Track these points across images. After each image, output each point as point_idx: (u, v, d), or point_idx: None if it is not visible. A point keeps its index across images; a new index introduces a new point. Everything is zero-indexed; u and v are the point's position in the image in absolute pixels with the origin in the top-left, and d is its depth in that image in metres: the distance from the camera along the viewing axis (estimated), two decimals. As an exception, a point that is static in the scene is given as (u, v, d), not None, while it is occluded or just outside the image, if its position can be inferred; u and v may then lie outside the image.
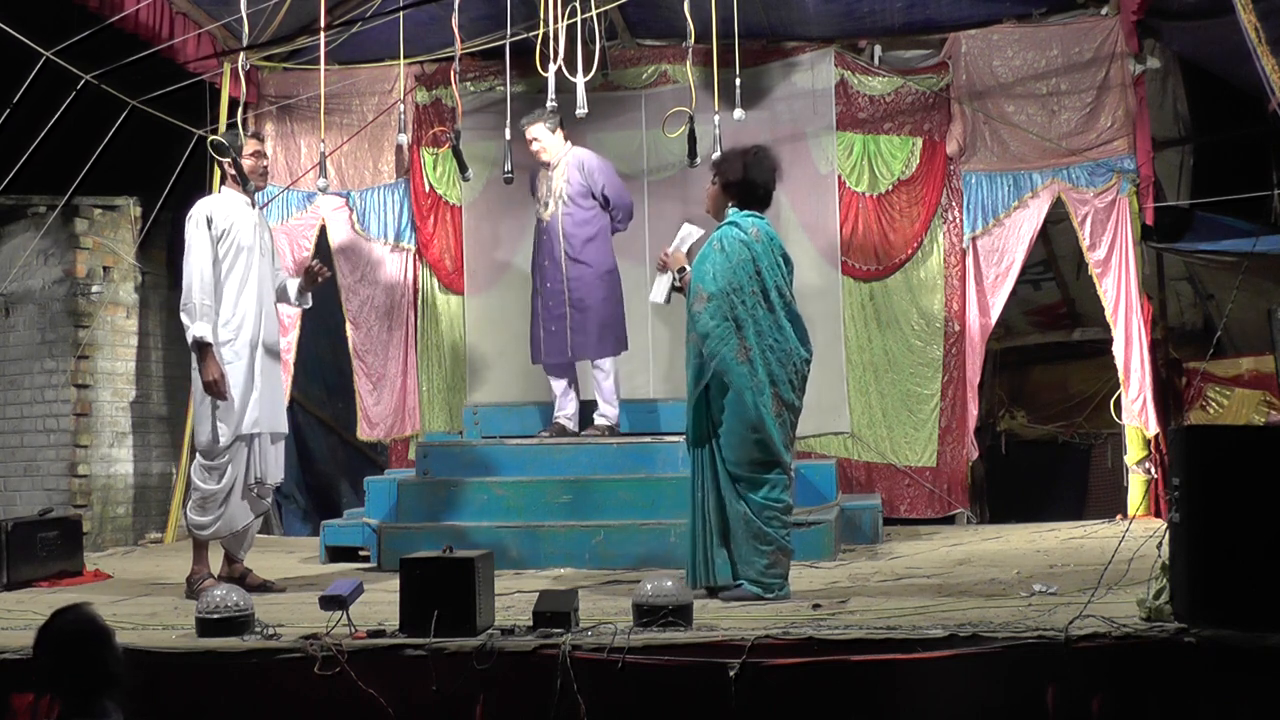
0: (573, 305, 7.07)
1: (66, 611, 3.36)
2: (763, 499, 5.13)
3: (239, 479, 5.68)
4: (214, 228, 5.69)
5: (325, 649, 4.13)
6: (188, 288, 5.61)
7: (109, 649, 3.30)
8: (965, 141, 8.07)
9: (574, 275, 7.07)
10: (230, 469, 5.64)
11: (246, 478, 5.72)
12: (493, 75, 8.41)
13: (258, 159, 5.90)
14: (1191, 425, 7.31)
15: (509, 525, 6.53)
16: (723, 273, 5.16)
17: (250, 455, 5.72)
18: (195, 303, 5.58)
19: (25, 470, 8.18)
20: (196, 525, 5.69)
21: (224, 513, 5.66)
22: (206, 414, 5.62)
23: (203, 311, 5.57)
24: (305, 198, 8.60)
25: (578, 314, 7.09)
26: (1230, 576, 3.86)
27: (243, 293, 5.73)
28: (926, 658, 3.95)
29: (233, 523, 5.72)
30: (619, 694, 4.01)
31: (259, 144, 6.00)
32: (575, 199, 7.05)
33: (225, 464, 5.64)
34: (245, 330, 5.72)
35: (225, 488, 5.64)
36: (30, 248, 8.08)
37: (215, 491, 5.63)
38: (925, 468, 8.08)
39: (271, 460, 5.83)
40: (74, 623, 3.32)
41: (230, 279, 5.70)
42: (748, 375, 5.09)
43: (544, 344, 7.15)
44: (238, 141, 5.90)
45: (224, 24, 7.71)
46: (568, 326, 7.09)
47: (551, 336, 7.11)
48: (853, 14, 8.12)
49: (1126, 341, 7.70)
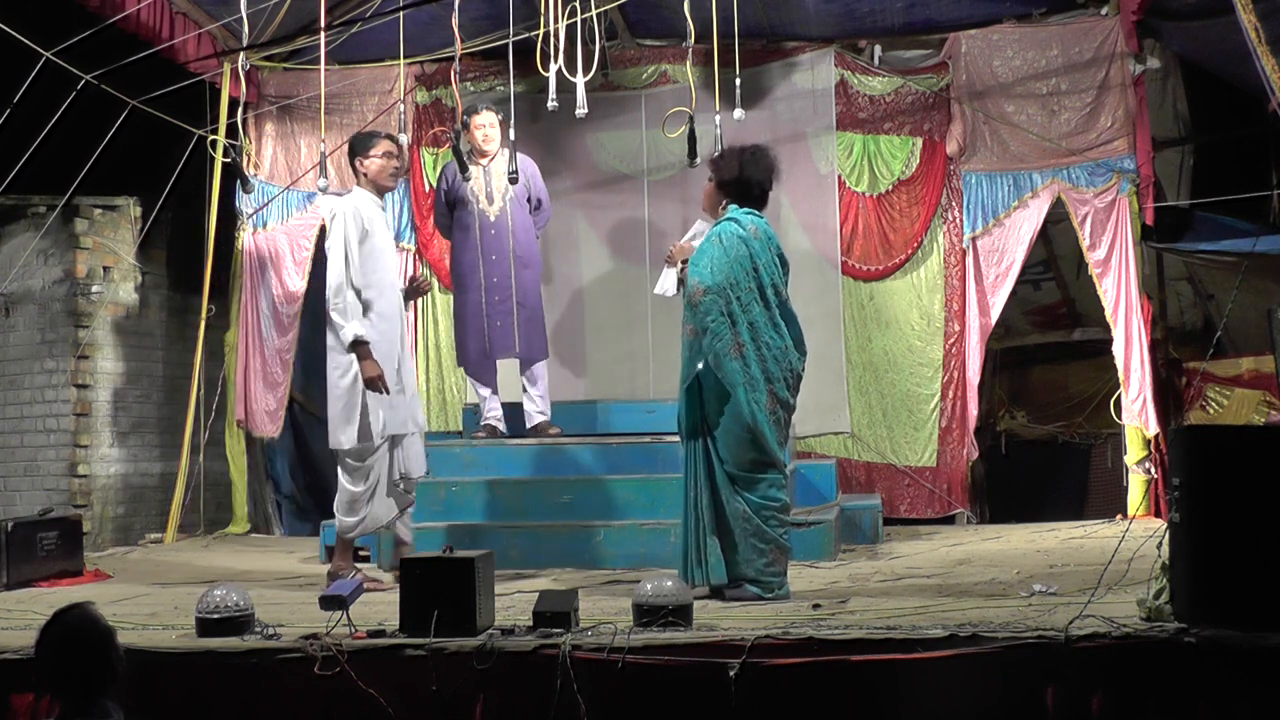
0: (519, 303, 7.06)
1: (68, 611, 3.36)
2: (760, 497, 5.13)
3: (383, 478, 5.71)
4: (360, 229, 5.67)
5: (325, 649, 4.13)
6: (336, 288, 5.57)
7: (110, 648, 3.30)
8: (965, 141, 8.07)
9: (520, 275, 7.07)
10: (375, 469, 5.67)
11: (391, 474, 5.76)
12: (493, 75, 8.42)
13: (388, 160, 5.84)
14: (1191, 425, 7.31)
15: (509, 525, 6.53)
16: (720, 267, 5.15)
17: (394, 454, 5.76)
18: (347, 302, 5.56)
19: (25, 470, 8.19)
20: (344, 528, 5.73)
21: (369, 512, 5.71)
22: (352, 416, 5.60)
23: (354, 310, 5.57)
24: (305, 198, 8.60)
25: (524, 311, 7.08)
26: (1230, 576, 3.85)
27: (384, 293, 5.76)
28: (926, 658, 3.94)
29: (377, 520, 5.78)
30: (619, 694, 4.01)
31: (391, 144, 5.90)
32: (519, 199, 7.07)
33: (371, 465, 5.66)
34: (391, 329, 5.75)
35: (370, 488, 5.68)
36: (30, 248, 8.09)
37: (361, 493, 5.67)
38: (925, 468, 8.08)
39: (414, 455, 5.86)
40: (76, 622, 3.32)
41: (373, 279, 5.71)
42: (741, 371, 5.08)
43: (490, 339, 7.06)
44: (369, 142, 5.87)
45: (224, 24, 7.71)
46: (514, 324, 7.07)
47: (499, 332, 7.06)
48: (853, 14, 8.12)
49: (1126, 341, 7.70)
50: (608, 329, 8.44)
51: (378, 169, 5.82)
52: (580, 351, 8.41)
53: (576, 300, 8.43)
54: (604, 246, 8.48)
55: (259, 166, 8.68)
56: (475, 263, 7.06)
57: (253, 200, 8.54)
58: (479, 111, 6.96)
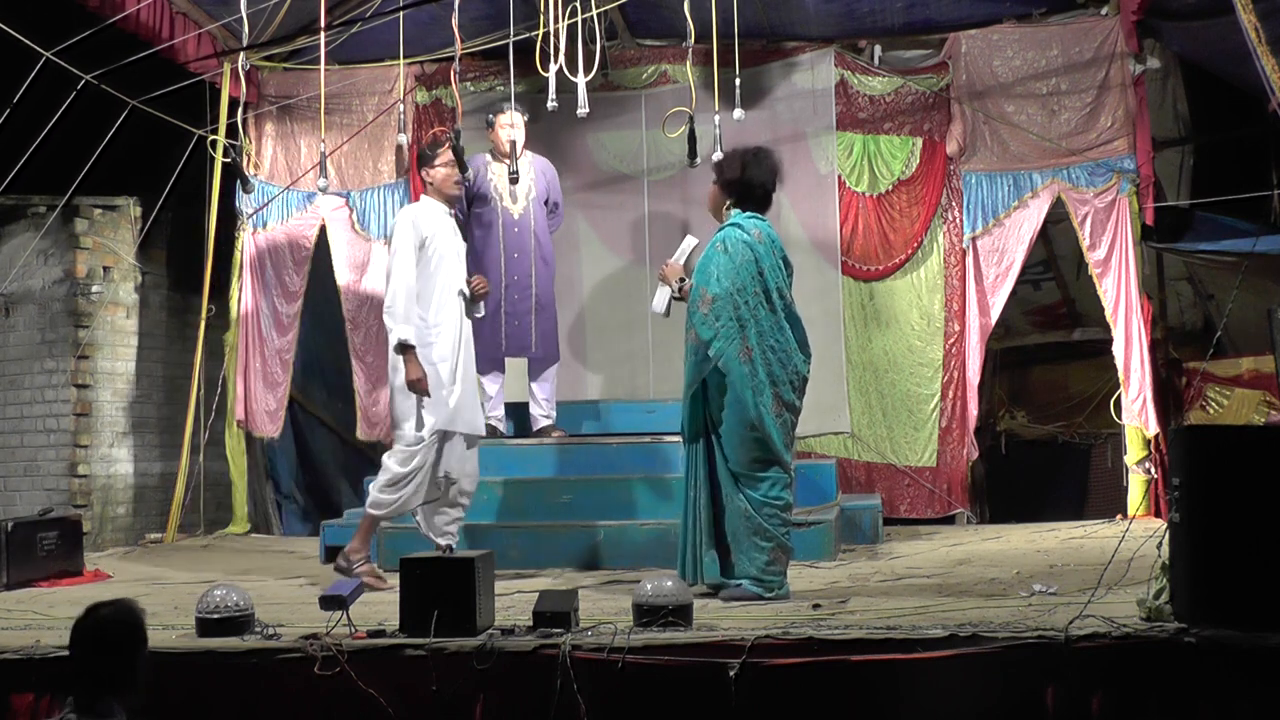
0: (537, 303, 7.08)
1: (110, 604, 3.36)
2: (763, 496, 5.14)
3: (427, 468, 5.79)
4: (418, 236, 5.80)
5: (325, 649, 4.13)
6: (394, 293, 5.71)
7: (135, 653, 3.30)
8: (965, 141, 8.07)
9: (540, 275, 7.09)
10: (421, 456, 5.75)
11: (436, 471, 5.84)
12: (493, 75, 8.41)
13: (451, 168, 5.96)
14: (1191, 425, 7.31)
15: (509, 525, 6.54)
16: (726, 273, 5.16)
17: (442, 450, 5.84)
18: (400, 308, 5.69)
19: (25, 470, 8.18)
20: (375, 503, 5.81)
21: (404, 496, 5.78)
22: (411, 409, 5.73)
23: (406, 315, 5.69)
24: (305, 198, 8.60)
25: (542, 312, 7.10)
26: (1230, 576, 3.85)
27: (447, 300, 5.86)
28: (926, 658, 3.95)
29: (407, 506, 5.85)
30: (619, 694, 4.01)
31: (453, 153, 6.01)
32: (539, 201, 7.11)
33: (418, 450, 5.75)
34: (448, 333, 5.84)
35: (413, 472, 5.76)
36: (30, 248, 8.08)
37: (404, 475, 5.75)
38: (925, 468, 8.08)
39: (460, 459, 5.92)
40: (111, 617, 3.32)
41: (435, 286, 5.82)
42: (749, 375, 5.10)
43: (507, 337, 7.07)
44: (434, 152, 5.98)
45: (224, 24, 7.71)
46: (532, 323, 7.08)
47: (516, 331, 7.07)
48: (853, 14, 8.11)
49: (1126, 341, 7.70)
50: (608, 329, 8.44)
51: (442, 178, 5.96)
52: (580, 351, 8.40)
53: (577, 300, 8.43)
54: (604, 246, 8.48)
55: (259, 166, 8.68)
56: (496, 260, 7.08)
57: (253, 200, 8.54)
58: (503, 111, 6.96)
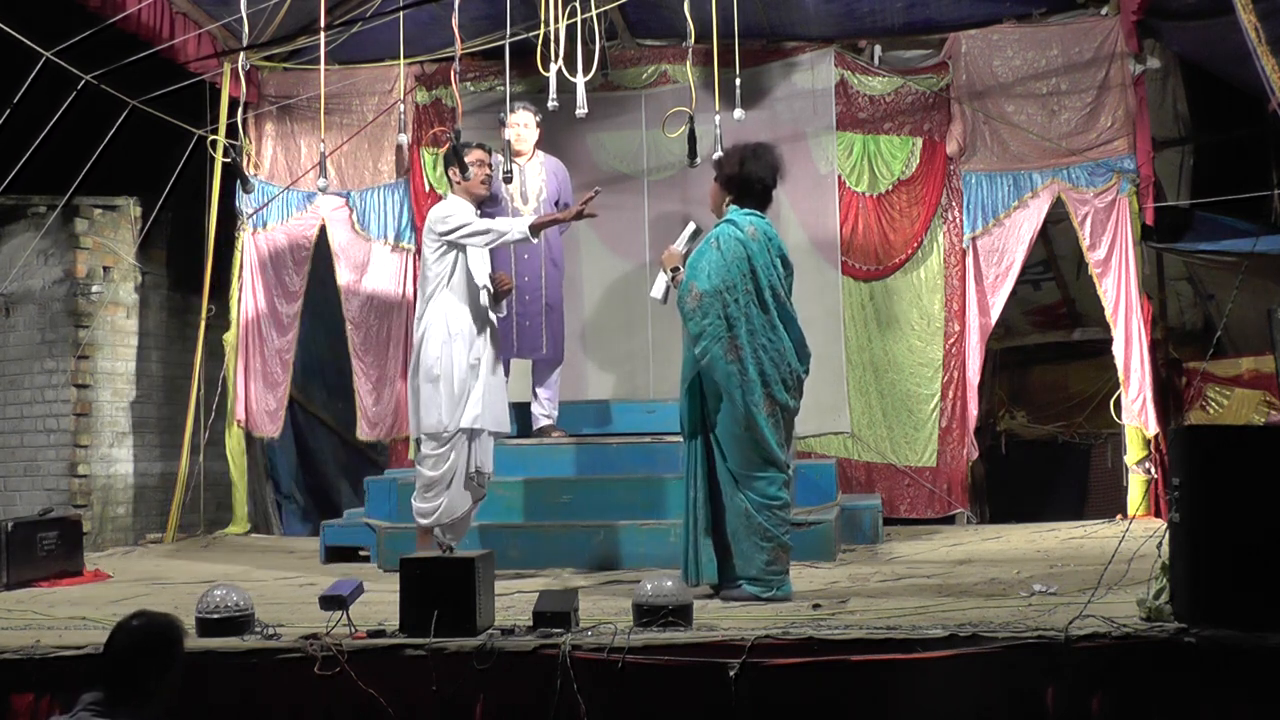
0: (547, 304, 7.08)
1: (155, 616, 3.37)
2: (761, 495, 5.13)
3: (460, 468, 5.83)
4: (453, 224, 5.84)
5: (325, 649, 4.13)
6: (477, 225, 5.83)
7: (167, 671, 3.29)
8: (965, 141, 8.07)
9: (550, 277, 7.09)
10: (453, 457, 5.79)
11: (467, 467, 5.86)
12: (493, 75, 8.41)
13: (479, 168, 5.98)
14: (1191, 425, 7.31)
15: (509, 525, 6.53)
16: (716, 271, 5.14)
17: (471, 447, 5.86)
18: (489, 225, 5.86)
19: (25, 470, 8.18)
20: (420, 513, 5.86)
21: (445, 501, 5.81)
22: (438, 400, 5.76)
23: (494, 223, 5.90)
24: (305, 198, 8.60)
25: (551, 314, 7.10)
26: (1230, 576, 3.85)
27: (476, 296, 5.90)
28: (926, 658, 3.95)
29: (453, 510, 5.86)
30: (619, 694, 4.01)
31: (481, 153, 6.04)
32: (550, 202, 7.07)
33: (448, 451, 5.78)
34: (477, 328, 5.87)
35: (448, 475, 5.79)
36: (30, 248, 8.08)
37: (438, 478, 5.78)
38: (925, 468, 8.08)
39: (486, 453, 5.96)
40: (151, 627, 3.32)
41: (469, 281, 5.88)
42: (737, 375, 5.08)
43: (518, 338, 7.05)
44: (461, 153, 5.99)
45: (224, 24, 7.71)
46: (543, 325, 7.08)
47: (526, 332, 7.06)
48: (853, 14, 8.12)
49: (1126, 341, 7.70)
50: (608, 329, 8.44)
51: (471, 178, 5.97)
52: (581, 351, 8.40)
53: (576, 300, 8.41)
54: (604, 246, 8.47)
55: (259, 166, 8.68)
56: (506, 261, 7.06)
57: (253, 200, 8.54)
58: (514, 111, 6.94)
